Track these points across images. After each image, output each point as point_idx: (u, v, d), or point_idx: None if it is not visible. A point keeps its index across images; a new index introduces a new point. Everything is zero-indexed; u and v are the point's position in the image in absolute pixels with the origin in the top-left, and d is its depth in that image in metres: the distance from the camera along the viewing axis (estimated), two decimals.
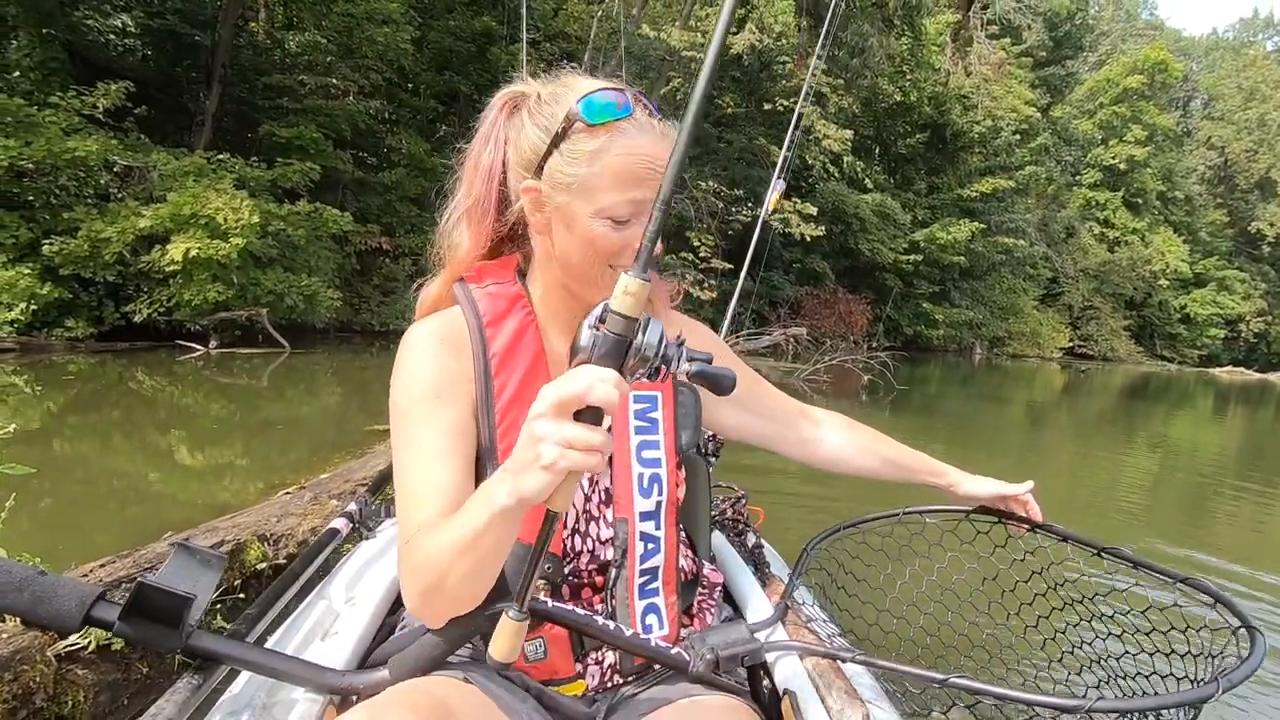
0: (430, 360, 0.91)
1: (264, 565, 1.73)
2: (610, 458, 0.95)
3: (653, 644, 0.94)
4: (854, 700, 0.97)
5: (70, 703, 1.38)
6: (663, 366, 0.67)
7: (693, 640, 0.99)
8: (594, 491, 0.98)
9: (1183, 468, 7.33)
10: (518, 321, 0.95)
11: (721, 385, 0.73)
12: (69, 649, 1.39)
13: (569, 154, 0.87)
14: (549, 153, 0.88)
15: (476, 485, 0.92)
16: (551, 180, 0.88)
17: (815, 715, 0.96)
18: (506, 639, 0.68)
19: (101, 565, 1.54)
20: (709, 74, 0.59)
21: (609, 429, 0.64)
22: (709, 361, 0.72)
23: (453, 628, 0.85)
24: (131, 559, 1.55)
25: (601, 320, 0.65)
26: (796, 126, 2.35)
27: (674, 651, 0.96)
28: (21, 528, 2.92)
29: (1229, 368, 37.15)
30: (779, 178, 2.24)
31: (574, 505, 0.96)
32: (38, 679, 1.33)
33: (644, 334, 0.65)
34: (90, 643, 1.42)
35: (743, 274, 2.43)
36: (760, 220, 2.28)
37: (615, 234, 0.87)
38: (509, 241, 1.01)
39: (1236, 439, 10.62)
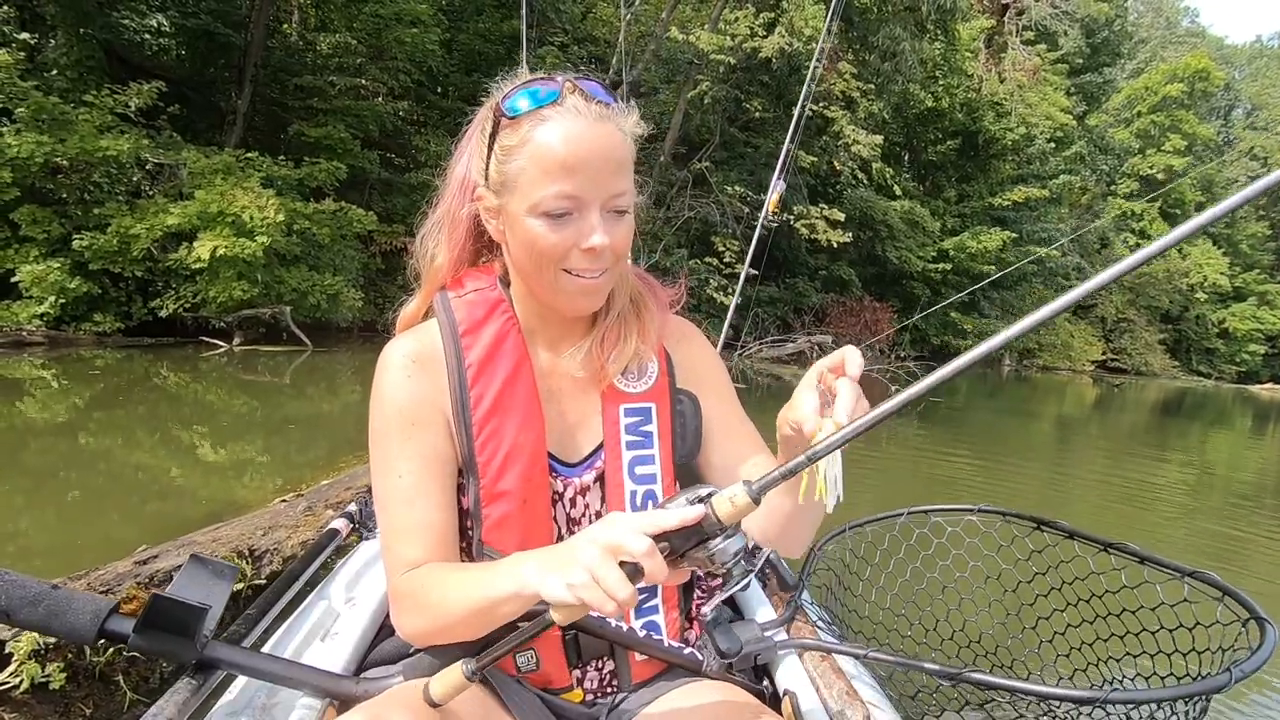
0: (403, 385, 0.89)
1: (241, 585, 1.59)
2: (603, 475, 0.93)
3: (665, 645, 0.94)
4: (854, 700, 0.96)
5: None
6: (720, 577, 0.71)
7: (705, 639, 1.00)
8: (584, 515, 0.94)
9: (1218, 489, 7.06)
10: (497, 328, 0.92)
11: None
12: None
13: (499, 153, 0.84)
14: (489, 156, 0.85)
15: (459, 498, 0.91)
16: (491, 183, 0.85)
17: (816, 716, 0.95)
18: (449, 688, 0.74)
19: (54, 587, 1.38)
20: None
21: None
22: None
23: None
24: (86, 580, 1.42)
25: (702, 499, 0.66)
26: (798, 126, 2.28)
27: (687, 652, 0.96)
28: (47, 522, 2.94)
29: (1269, 385, 36.10)
30: (779, 178, 2.18)
31: (563, 527, 0.94)
32: None
33: (725, 540, 0.66)
34: (23, 681, 1.22)
35: (743, 275, 2.37)
36: (760, 223, 2.23)
37: (554, 234, 0.81)
38: (490, 250, 0.98)
39: (1277, 461, 10.25)
